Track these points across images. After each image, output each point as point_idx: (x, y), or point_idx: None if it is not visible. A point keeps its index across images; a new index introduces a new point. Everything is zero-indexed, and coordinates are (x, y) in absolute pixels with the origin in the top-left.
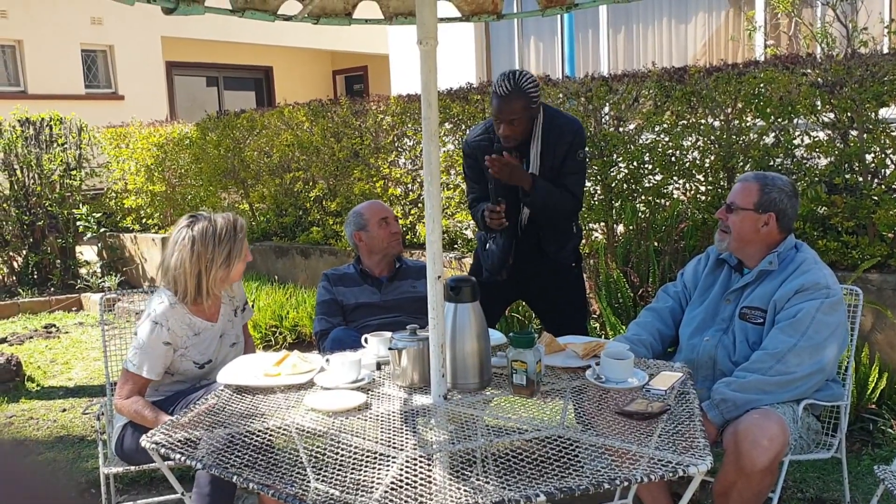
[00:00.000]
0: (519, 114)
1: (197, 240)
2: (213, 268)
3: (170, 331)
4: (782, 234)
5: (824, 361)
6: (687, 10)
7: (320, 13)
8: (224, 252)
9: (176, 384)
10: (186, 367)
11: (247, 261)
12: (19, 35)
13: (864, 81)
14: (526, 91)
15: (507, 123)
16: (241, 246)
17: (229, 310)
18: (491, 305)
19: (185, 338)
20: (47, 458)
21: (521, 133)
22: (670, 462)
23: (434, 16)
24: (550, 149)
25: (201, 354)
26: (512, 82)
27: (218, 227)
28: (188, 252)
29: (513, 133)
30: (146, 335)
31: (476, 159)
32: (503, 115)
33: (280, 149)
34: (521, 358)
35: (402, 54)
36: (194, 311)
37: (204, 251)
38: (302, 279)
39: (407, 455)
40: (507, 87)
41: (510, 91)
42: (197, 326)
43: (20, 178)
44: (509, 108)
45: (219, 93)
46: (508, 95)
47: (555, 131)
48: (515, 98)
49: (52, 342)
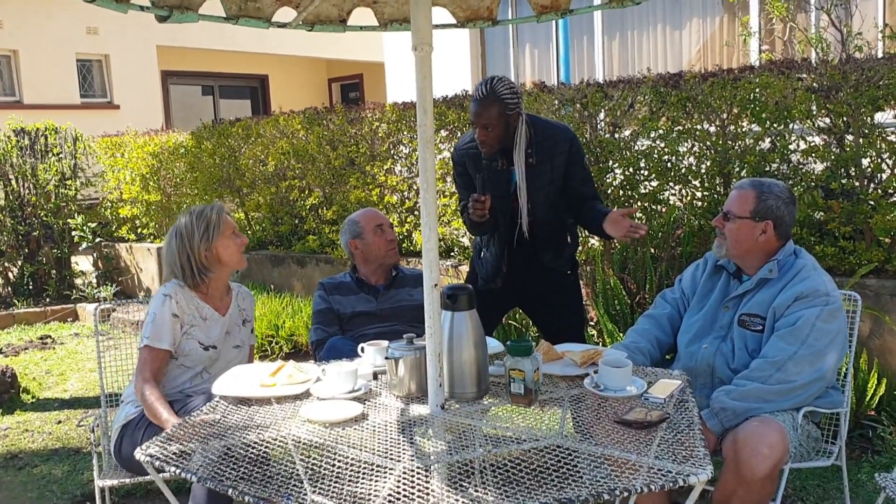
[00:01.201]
0: (494, 119)
1: (179, 225)
2: (194, 242)
3: (178, 304)
4: (780, 241)
5: (824, 369)
6: (681, 16)
7: (315, 20)
8: (202, 226)
9: (180, 370)
10: (191, 347)
11: (240, 242)
12: (14, 45)
13: (859, 86)
14: (501, 97)
15: (482, 128)
16: (219, 220)
17: (237, 314)
18: (487, 313)
19: (191, 315)
20: (42, 471)
21: (497, 139)
22: (670, 472)
23: (429, 22)
24: (547, 160)
25: (206, 337)
26: (488, 87)
27: (196, 209)
28: (174, 238)
29: (487, 138)
30: (158, 306)
31: (465, 166)
32: (478, 120)
33: (275, 157)
34: (519, 366)
35: (398, 62)
36: (202, 298)
37: (185, 230)
38: (298, 288)
39: (404, 466)
40: (483, 92)
41: (485, 96)
42: (205, 311)
43: (15, 188)
44: (485, 112)
45: (214, 101)
46: (483, 100)
47: (548, 142)
48: (490, 103)
49: (47, 353)
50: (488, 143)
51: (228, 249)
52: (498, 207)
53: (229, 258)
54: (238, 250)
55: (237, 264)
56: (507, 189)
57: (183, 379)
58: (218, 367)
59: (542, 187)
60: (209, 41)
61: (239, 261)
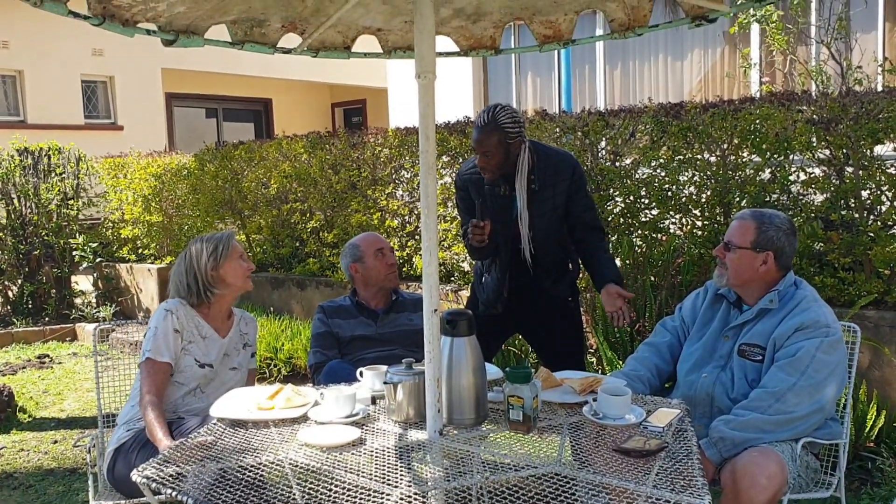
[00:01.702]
0: (493, 147)
1: (190, 246)
2: (201, 261)
3: (178, 320)
4: (781, 271)
5: (823, 401)
6: (683, 47)
7: (319, 46)
8: (210, 247)
9: (174, 387)
10: (187, 363)
11: (247, 266)
12: (20, 65)
13: (859, 119)
14: (501, 125)
15: (483, 155)
16: (227, 244)
17: (238, 338)
18: (487, 339)
19: (190, 332)
20: (37, 491)
21: (497, 166)
22: (668, 501)
23: (432, 50)
24: (549, 187)
25: (204, 355)
26: (490, 115)
27: (208, 235)
28: (184, 257)
29: (487, 165)
30: (160, 320)
31: (467, 191)
32: (479, 147)
33: (278, 180)
34: (518, 393)
35: (401, 88)
36: (204, 318)
37: (195, 250)
38: (297, 311)
39: (401, 492)
40: (484, 120)
41: (486, 123)
42: (204, 330)
43: (17, 207)
44: (485, 140)
45: (218, 124)
46: (484, 128)
47: (550, 170)
48: (491, 131)
49: (45, 373)
50: (489, 170)
51: (235, 271)
52: (499, 233)
53: (234, 279)
54: (244, 273)
55: (242, 286)
56: (509, 214)
57: (177, 396)
58: (213, 386)
59: (543, 214)
60: (214, 65)
61: (244, 283)
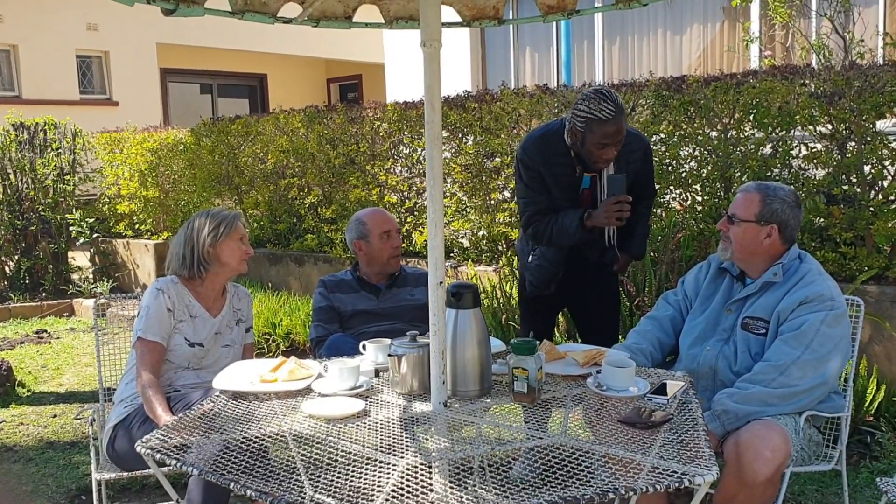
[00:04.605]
0: (624, 132)
1: (193, 219)
2: (201, 235)
3: (170, 298)
4: (785, 245)
5: (827, 374)
6: (682, 21)
7: (320, 16)
8: (214, 222)
9: (166, 366)
10: (177, 342)
11: (244, 252)
12: (14, 40)
13: (862, 92)
14: (623, 107)
15: (617, 144)
16: (231, 224)
17: (231, 315)
18: (542, 319)
19: (181, 311)
20: (37, 464)
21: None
22: (675, 472)
23: (438, 18)
24: (623, 166)
25: (194, 334)
26: (614, 103)
27: (214, 210)
28: (185, 228)
29: (615, 153)
30: (151, 300)
31: (538, 171)
32: (616, 137)
33: (275, 155)
34: (523, 365)
35: (399, 62)
36: (195, 296)
37: (197, 223)
38: (295, 287)
39: (408, 462)
40: (612, 109)
41: (616, 112)
42: (195, 310)
43: (13, 183)
44: (623, 127)
45: (213, 100)
46: (617, 117)
47: (624, 148)
48: (622, 117)
49: (43, 347)
50: (612, 158)
51: (232, 252)
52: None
53: (230, 259)
54: (241, 256)
55: (237, 267)
56: (577, 194)
57: (168, 374)
58: (206, 363)
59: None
60: (209, 39)
61: (238, 265)
